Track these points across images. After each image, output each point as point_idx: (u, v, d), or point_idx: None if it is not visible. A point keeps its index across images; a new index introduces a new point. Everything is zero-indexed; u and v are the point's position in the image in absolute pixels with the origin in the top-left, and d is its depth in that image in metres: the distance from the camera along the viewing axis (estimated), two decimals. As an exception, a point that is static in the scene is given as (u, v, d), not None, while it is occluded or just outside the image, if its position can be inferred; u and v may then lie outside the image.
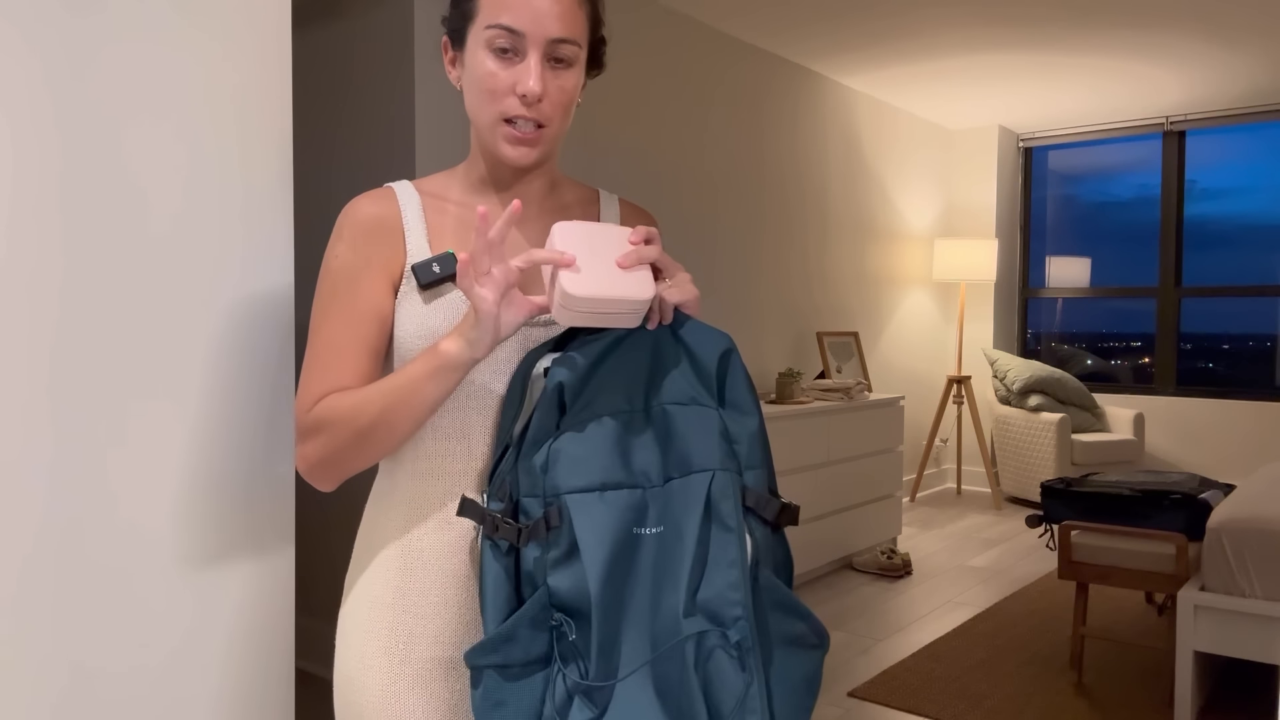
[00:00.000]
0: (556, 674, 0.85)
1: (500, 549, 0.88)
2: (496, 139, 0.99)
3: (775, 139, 4.80)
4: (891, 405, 4.76)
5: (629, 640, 0.85)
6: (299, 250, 3.34)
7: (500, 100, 0.97)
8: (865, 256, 5.64)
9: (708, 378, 0.93)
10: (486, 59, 0.96)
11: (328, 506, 3.22)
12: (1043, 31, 4.39)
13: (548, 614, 0.86)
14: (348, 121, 3.09)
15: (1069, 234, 6.69)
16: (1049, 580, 4.30)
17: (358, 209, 1.02)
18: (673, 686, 0.84)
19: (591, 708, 0.84)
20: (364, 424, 0.94)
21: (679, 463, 0.90)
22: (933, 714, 2.84)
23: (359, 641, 1.02)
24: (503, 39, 0.95)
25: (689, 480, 0.89)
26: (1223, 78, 5.17)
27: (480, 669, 0.87)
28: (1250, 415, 5.76)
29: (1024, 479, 5.86)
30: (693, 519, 0.87)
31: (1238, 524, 2.66)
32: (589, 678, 0.84)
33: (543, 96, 0.96)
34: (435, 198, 1.05)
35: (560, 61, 0.98)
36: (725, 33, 4.39)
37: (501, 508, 0.89)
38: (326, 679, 3.17)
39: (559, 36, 0.96)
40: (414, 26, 2.86)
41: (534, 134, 0.98)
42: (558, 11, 0.95)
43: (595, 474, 0.87)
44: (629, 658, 0.84)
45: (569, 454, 0.87)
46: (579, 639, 0.85)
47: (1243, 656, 2.60)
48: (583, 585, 0.84)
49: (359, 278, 1.00)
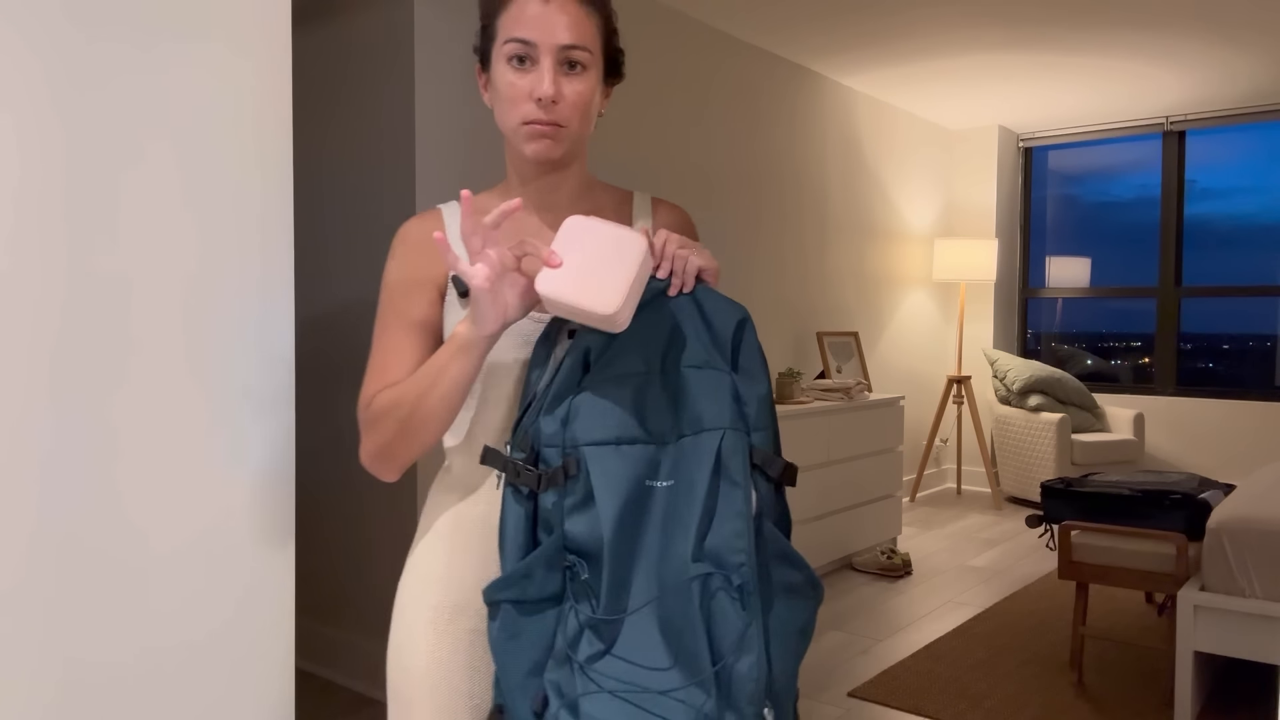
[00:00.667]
0: (569, 610, 0.92)
1: (521, 494, 0.96)
2: (522, 140, 1.07)
3: (775, 139, 4.80)
4: (891, 405, 4.76)
5: (638, 582, 0.91)
6: (299, 250, 3.34)
7: (520, 106, 1.06)
8: (865, 256, 5.64)
9: (722, 344, 1.01)
10: (506, 71, 1.06)
11: (328, 507, 3.22)
12: (1043, 31, 4.39)
13: (562, 555, 0.93)
14: (348, 121, 3.09)
15: (1069, 234, 6.69)
16: (1049, 580, 4.30)
17: (408, 229, 1.13)
18: (677, 623, 0.90)
19: (599, 640, 0.90)
20: (405, 412, 1.02)
21: (691, 421, 0.97)
22: (933, 714, 2.84)
23: (410, 614, 1.10)
24: (518, 50, 1.05)
25: (700, 438, 0.96)
26: (1223, 78, 5.17)
27: (498, 603, 0.93)
28: (1250, 415, 5.76)
29: (1024, 479, 5.86)
30: (703, 473, 0.94)
31: (1238, 524, 2.66)
32: (599, 614, 0.90)
33: (557, 99, 1.05)
34: (479, 212, 1.15)
35: (574, 66, 1.06)
36: (724, 32, 4.39)
37: (523, 456, 0.96)
38: (327, 679, 3.17)
39: (568, 43, 1.05)
40: (414, 26, 2.86)
41: (552, 132, 1.06)
42: (566, 21, 1.05)
43: (612, 429, 0.94)
44: (637, 597, 0.91)
45: (588, 409, 0.95)
46: (591, 579, 0.91)
47: (1243, 656, 2.60)
48: (596, 530, 0.91)
49: (410, 291, 1.10)
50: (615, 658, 0.90)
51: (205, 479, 0.97)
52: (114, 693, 0.91)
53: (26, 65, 0.84)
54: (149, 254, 0.92)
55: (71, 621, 0.88)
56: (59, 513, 0.87)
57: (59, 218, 0.87)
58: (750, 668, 0.90)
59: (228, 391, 0.98)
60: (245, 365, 1.00)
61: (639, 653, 0.89)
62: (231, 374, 0.99)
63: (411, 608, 1.10)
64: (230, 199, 0.98)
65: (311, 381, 3.26)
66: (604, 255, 0.94)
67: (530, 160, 1.08)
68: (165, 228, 0.94)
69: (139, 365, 0.92)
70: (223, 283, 0.98)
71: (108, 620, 0.90)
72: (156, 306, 0.93)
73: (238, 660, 0.99)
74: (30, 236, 0.85)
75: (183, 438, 0.95)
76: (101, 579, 0.90)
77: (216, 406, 0.97)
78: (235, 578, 0.99)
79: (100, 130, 0.89)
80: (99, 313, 0.89)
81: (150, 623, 0.93)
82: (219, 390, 0.98)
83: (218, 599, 0.98)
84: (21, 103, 0.84)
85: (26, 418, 0.85)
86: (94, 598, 0.90)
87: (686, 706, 0.87)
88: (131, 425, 0.91)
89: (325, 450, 3.23)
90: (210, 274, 0.97)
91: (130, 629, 0.92)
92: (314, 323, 3.25)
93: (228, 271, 0.98)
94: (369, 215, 3.04)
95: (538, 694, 0.92)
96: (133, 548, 0.91)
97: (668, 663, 0.89)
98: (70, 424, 0.87)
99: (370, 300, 3.04)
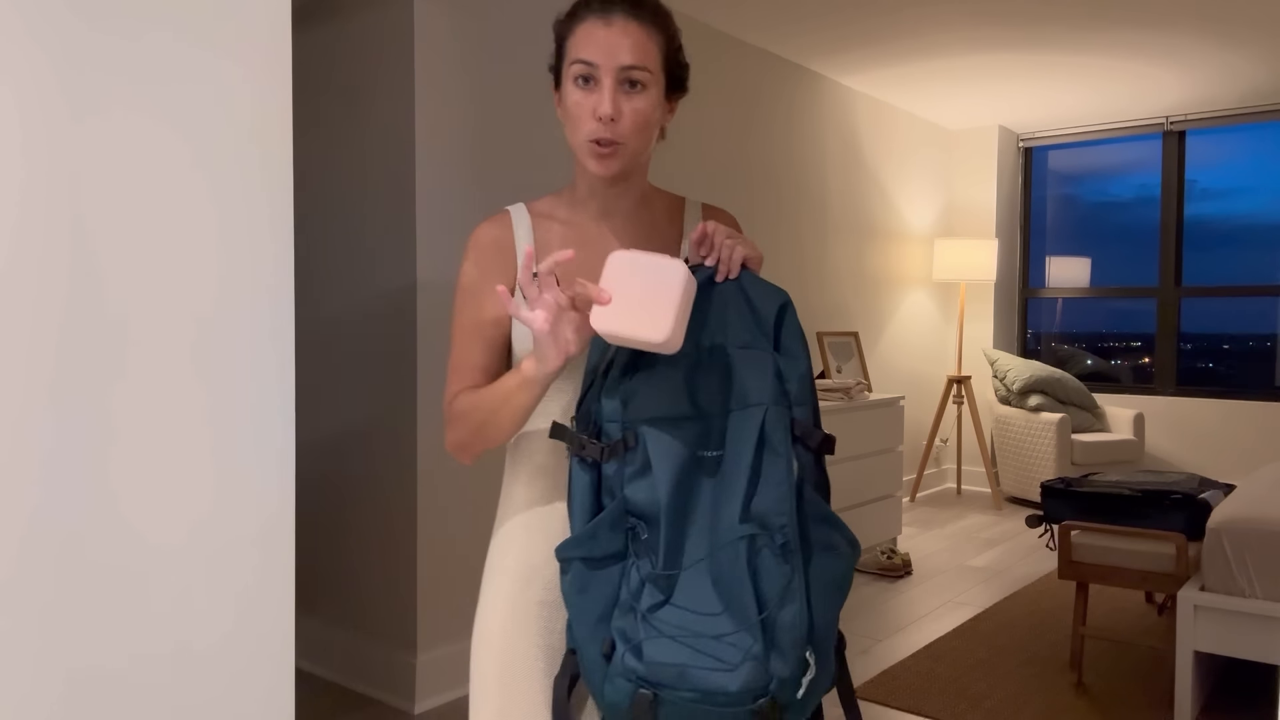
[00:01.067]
0: (630, 566, 1.04)
1: (586, 464, 1.07)
2: (586, 156, 1.16)
3: (774, 139, 4.80)
4: (891, 405, 4.76)
5: (692, 541, 1.04)
6: (299, 250, 3.34)
7: (585, 124, 1.14)
8: (865, 256, 5.64)
9: (765, 325, 1.11)
10: (573, 90, 1.14)
11: (328, 507, 3.22)
12: (1043, 31, 4.39)
13: (624, 518, 1.05)
14: (348, 121, 3.09)
15: (1069, 234, 6.70)
16: (1049, 580, 4.30)
17: (479, 234, 1.23)
18: (726, 576, 1.02)
19: (659, 593, 1.01)
20: (477, 421, 1.15)
21: (739, 397, 1.08)
22: (933, 714, 2.84)
23: (490, 582, 1.24)
24: (582, 70, 1.13)
25: (746, 412, 1.07)
26: (1223, 78, 5.17)
27: (569, 560, 1.05)
28: (1250, 415, 5.76)
29: (1024, 479, 5.86)
30: (748, 445, 1.05)
31: (1238, 524, 2.66)
32: (658, 569, 1.01)
33: (617, 117, 1.12)
34: (544, 217, 1.24)
35: (634, 85, 1.14)
36: (724, 31, 4.39)
37: (587, 431, 1.07)
38: (327, 679, 3.17)
39: (629, 64, 1.12)
40: (414, 26, 2.86)
41: (612, 150, 1.14)
42: (628, 44, 1.12)
43: (666, 406, 1.06)
44: (691, 554, 1.03)
45: (645, 390, 1.06)
46: (650, 539, 1.03)
47: (1243, 656, 2.60)
48: (654, 495, 1.03)
49: (480, 293, 1.21)
50: (673, 606, 1.01)
51: (205, 479, 0.97)
52: (114, 693, 0.91)
53: (29, 53, 0.84)
54: (148, 255, 0.92)
55: (71, 622, 0.88)
56: (59, 513, 0.87)
57: (63, 221, 0.87)
58: (793, 616, 1.02)
59: (228, 391, 0.98)
60: (245, 365, 1.00)
61: (694, 602, 1.01)
62: (232, 373, 0.99)
63: (490, 576, 1.24)
64: (231, 199, 0.98)
65: (312, 381, 3.26)
66: (649, 286, 1.01)
67: (595, 175, 1.17)
68: (165, 228, 0.94)
69: (137, 366, 0.92)
70: (222, 283, 0.98)
71: (108, 620, 0.90)
72: (155, 307, 0.93)
73: (238, 660, 1.00)
74: (31, 238, 0.85)
75: (182, 438, 0.95)
76: (101, 579, 0.90)
77: (217, 407, 0.98)
78: (235, 578, 0.99)
79: (99, 130, 0.89)
80: (98, 314, 0.89)
81: (150, 623, 0.93)
82: (219, 390, 0.98)
83: (218, 599, 0.98)
84: (21, 102, 0.84)
85: (25, 416, 0.85)
86: (94, 598, 0.90)
87: (736, 649, 0.99)
88: (131, 425, 0.91)
89: (325, 451, 3.23)
90: (211, 274, 0.97)
91: (131, 629, 0.92)
92: (314, 323, 3.25)
93: (228, 271, 0.98)
94: (370, 214, 3.04)
95: (605, 639, 1.03)
96: (132, 548, 0.91)
97: (719, 609, 1.00)
98: (68, 424, 0.88)
99: (372, 298, 3.04)
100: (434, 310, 2.94)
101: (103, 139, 0.90)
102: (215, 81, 0.98)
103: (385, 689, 2.99)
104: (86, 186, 0.89)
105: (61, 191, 0.88)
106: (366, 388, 3.08)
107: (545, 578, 1.22)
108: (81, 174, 0.89)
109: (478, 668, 1.24)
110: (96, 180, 0.90)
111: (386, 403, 2.98)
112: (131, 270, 0.92)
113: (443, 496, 2.97)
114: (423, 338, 2.91)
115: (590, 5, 1.15)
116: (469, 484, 3.04)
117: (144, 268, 0.93)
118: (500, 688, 1.21)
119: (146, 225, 0.93)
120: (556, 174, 3.29)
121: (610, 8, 1.13)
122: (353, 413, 3.13)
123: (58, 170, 0.88)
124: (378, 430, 3.03)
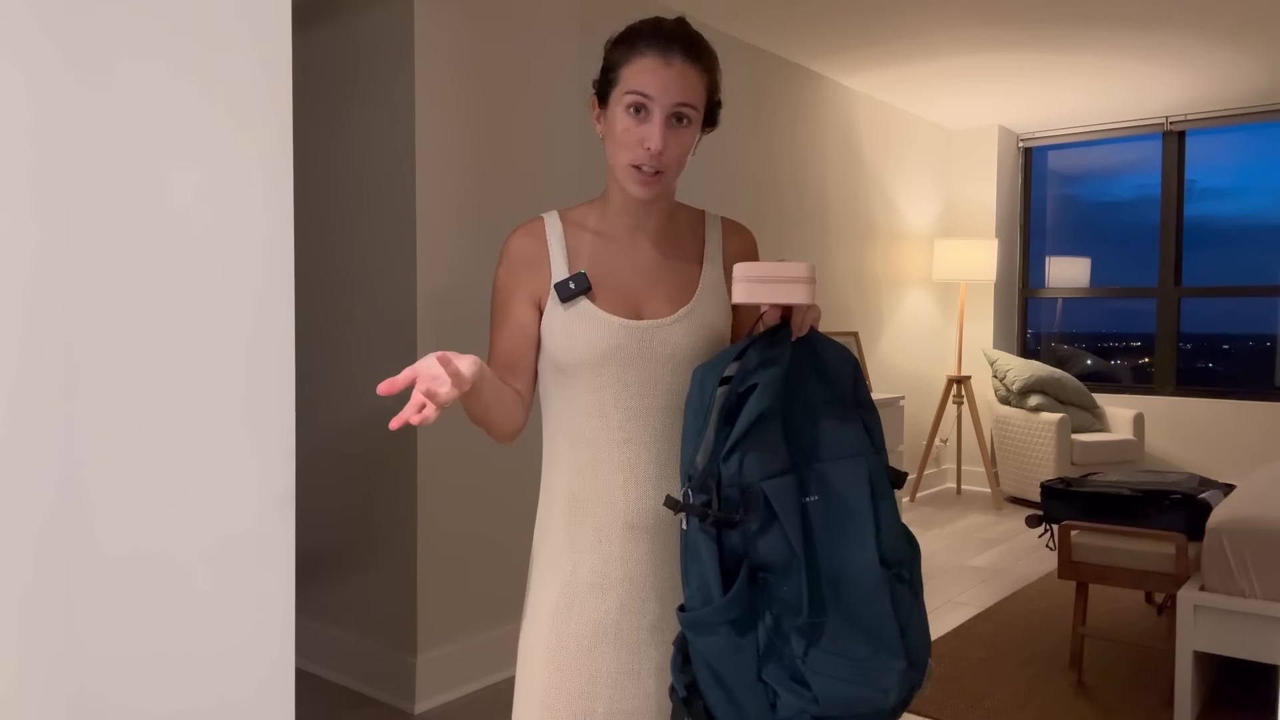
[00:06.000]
0: (769, 618, 1.12)
1: (709, 533, 1.13)
2: (627, 179, 1.25)
3: (775, 139, 4.80)
4: (891, 405, 4.75)
5: (826, 585, 1.13)
6: (299, 251, 3.34)
7: (632, 150, 1.23)
8: (865, 256, 5.64)
9: (838, 380, 1.23)
10: (624, 116, 1.23)
11: (328, 507, 3.22)
12: (1042, 32, 4.39)
13: (754, 575, 1.13)
14: (348, 121, 3.10)
15: (1069, 234, 6.70)
16: (1049, 580, 4.30)
17: (512, 241, 1.33)
18: (868, 614, 1.13)
19: (803, 638, 1.10)
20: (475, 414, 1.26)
21: (829, 447, 1.19)
22: (933, 714, 2.84)
23: (535, 601, 1.33)
24: (637, 101, 1.22)
25: (843, 463, 1.18)
26: (1223, 78, 5.17)
27: (717, 625, 1.12)
28: (1250, 415, 5.76)
29: (1024, 479, 5.86)
30: (862, 492, 1.17)
31: (1238, 524, 2.66)
32: (804, 617, 1.10)
33: (664, 151, 1.22)
34: (576, 225, 1.34)
35: (681, 120, 1.24)
36: (725, 33, 4.39)
37: (705, 499, 1.14)
38: (327, 679, 3.17)
39: (681, 101, 1.22)
40: (414, 26, 2.86)
41: (654, 178, 1.25)
42: (681, 84, 1.22)
43: (775, 464, 1.14)
44: (827, 597, 1.12)
45: (754, 452, 1.13)
46: (789, 589, 1.11)
47: (1243, 656, 2.60)
48: (785, 549, 1.12)
49: (511, 297, 1.32)
50: (823, 649, 1.11)
51: (205, 479, 0.97)
52: (114, 692, 0.91)
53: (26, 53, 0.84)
54: (150, 254, 0.92)
55: (72, 622, 0.88)
56: (59, 515, 0.87)
57: (61, 224, 0.87)
58: (919, 635, 1.17)
59: (228, 392, 0.98)
60: (246, 364, 1.00)
61: (842, 638, 1.11)
62: (232, 373, 0.99)
63: (535, 596, 1.33)
64: (231, 199, 0.98)
65: (313, 381, 3.26)
66: (775, 272, 1.15)
67: (633, 197, 1.26)
68: (164, 228, 0.94)
69: (136, 366, 0.92)
70: (222, 283, 0.98)
71: (107, 621, 0.90)
72: (156, 306, 0.93)
73: (238, 660, 1.00)
74: (32, 239, 0.85)
75: (182, 438, 0.95)
76: (100, 579, 0.90)
77: (216, 407, 0.98)
78: (235, 578, 0.99)
79: (99, 130, 0.89)
80: (98, 314, 0.89)
81: (150, 623, 0.93)
82: (219, 390, 0.98)
83: (218, 599, 0.98)
84: (19, 101, 0.84)
85: (26, 417, 0.85)
86: (93, 598, 0.90)
87: (892, 673, 1.12)
88: (130, 425, 0.91)
89: (325, 451, 3.23)
90: (211, 274, 0.97)
91: (130, 629, 0.92)
92: (314, 323, 3.25)
93: (228, 271, 0.98)
94: (370, 214, 3.04)
95: (767, 692, 1.12)
96: (131, 549, 0.91)
97: (869, 642, 1.12)
98: (69, 424, 0.88)
99: (371, 298, 3.04)
100: (433, 309, 2.94)
101: (102, 139, 0.90)
102: (215, 81, 0.98)
103: (385, 689, 2.99)
104: (83, 188, 0.89)
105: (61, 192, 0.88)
106: (367, 388, 3.08)
107: (584, 599, 1.30)
108: (78, 176, 0.89)
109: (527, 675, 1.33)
110: (94, 182, 0.90)
111: (387, 403, 2.98)
112: (131, 273, 0.92)
113: (443, 497, 2.97)
114: (422, 337, 2.91)
115: (652, 42, 1.23)
116: (469, 484, 3.04)
117: (143, 270, 0.93)
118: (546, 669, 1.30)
119: (145, 226, 0.93)
120: (556, 173, 3.29)
121: (671, 48, 1.23)
122: (353, 413, 3.13)
123: (57, 170, 0.88)
124: (378, 430, 3.03)
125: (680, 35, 1.25)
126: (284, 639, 1.03)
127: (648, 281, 1.31)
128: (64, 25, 0.85)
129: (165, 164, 0.93)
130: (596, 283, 1.29)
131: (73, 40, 0.86)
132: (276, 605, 1.03)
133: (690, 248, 1.36)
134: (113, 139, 0.89)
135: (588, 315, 1.27)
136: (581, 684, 1.27)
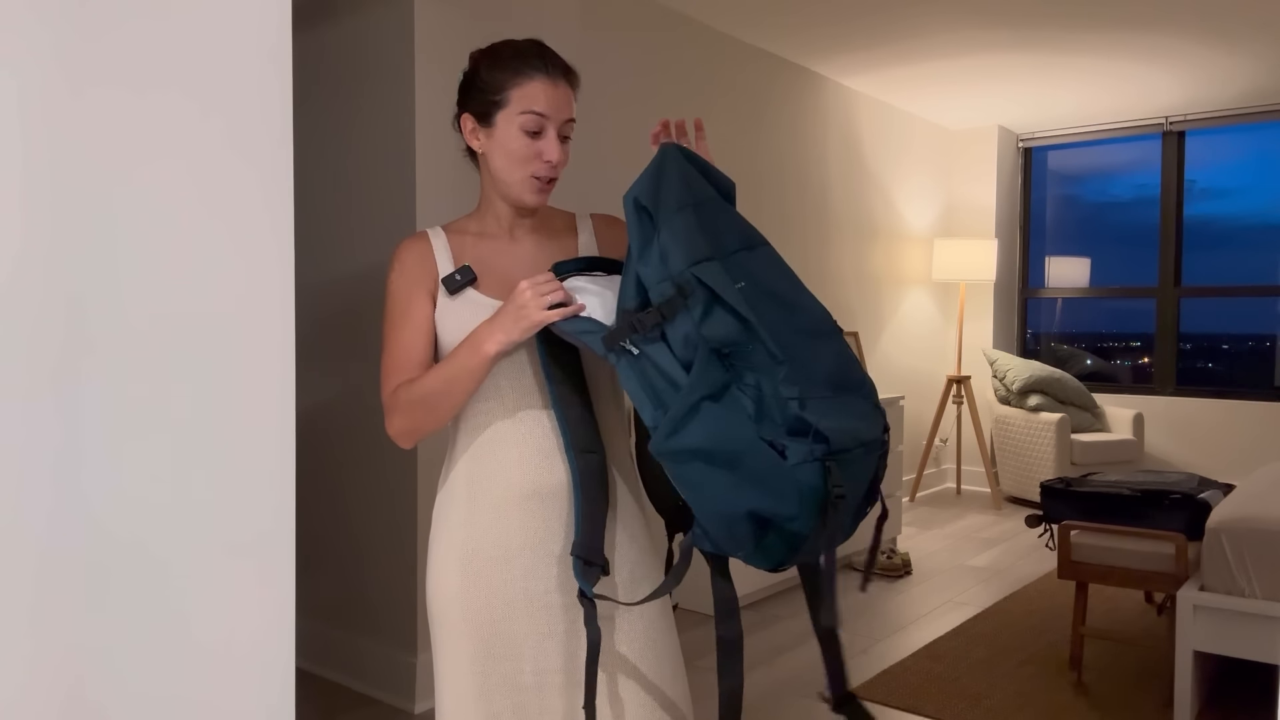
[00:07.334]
0: (749, 382, 1.16)
1: (654, 338, 1.18)
2: (525, 190, 1.39)
3: (775, 139, 4.80)
4: (891, 405, 4.76)
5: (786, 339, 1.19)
6: (300, 251, 3.34)
7: (529, 164, 1.38)
8: (865, 256, 5.64)
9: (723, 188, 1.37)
10: (519, 135, 1.37)
11: (328, 507, 3.22)
12: (1043, 32, 4.39)
13: (716, 353, 1.16)
14: (348, 121, 3.10)
15: (1069, 234, 6.70)
16: (1049, 580, 4.30)
17: (402, 247, 1.44)
18: (833, 362, 1.22)
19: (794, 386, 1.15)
20: (429, 402, 1.33)
21: (744, 237, 1.28)
22: (933, 714, 2.84)
23: (440, 553, 1.40)
24: (534, 122, 1.36)
25: (758, 250, 1.28)
26: (1222, 78, 5.17)
27: (697, 403, 1.13)
28: (1250, 415, 5.77)
29: (1024, 479, 5.86)
30: (785, 272, 1.27)
31: (1237, 524, 2.66)
32: (784, 366, 1.15)
33: (559, 163, 1.38)
34: (458, 233, 1.46)
35: (566, 136, 1.40)
36: (725, 33, 4.39)
37: (634, 306, 1.20)
38: (327, 679, 3.17)
39: (569, 118, 1.39)
40: (414, 26, 2.86)
41: (549, 185, 1.41)
42: (567, 103, 1.39)
43: (700, 249, 1.20)
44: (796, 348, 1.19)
45: (673, 244, 1.20)
46: (755, 350, 1.16)
47: (1242, 656, 2.60)
48: (732, 320, 1.16)
49: (411, 296, 1.40)
50: (811, 396, 1.16)
51: (204, 479, 0.97)
52: (114, 692, 0.91)
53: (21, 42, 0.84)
54: (148, 255, 0.92)
55: (69, 622, 0.88)
56: (58, 514, 0.87)
57: (58, 224, 0.87)
58: (870, 381, 1.26)
59: (228, 390, 0.98)
60: (246, 365, 1.00)
61: (819, 384, 1.18)
62: (231, 374, 0.99)
63: (439, 548, 1.40)
64: (230, 200, 0.98)
65: (313, 381, 3.26)
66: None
67: (528, 205, 1.40)
68: (164, 229, 0.94)
69: (135, 366, 0.92)
70: (222, 283, 0.98)
71: (106, 621, 0.90)
72: (155, 308, 0.93)
73: (238, 660, 1.00)
74: (28, 239, 0.85)
75: (181, 438, 0.95)
76: (99, 580, 0.90)
77: (216, 407, 0.98)
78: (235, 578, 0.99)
79: (98, 130, 0.89)
80: (98, 315, 0.89)
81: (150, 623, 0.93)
82: (218, 389, 0.98)
83: (218, 599, 0.98)
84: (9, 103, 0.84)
85: (26, 417, 0.85)
86: (91, 599, 0.90)
87: (868, 404, 1.22)
88: (129, 425, 0.91)
89: (325, 450, 3.23)
90: (211, 275, 0.97)
91: (130, 629, 0.92)
92: (314, 323, 3.25)
93: (228, 272, 0.98)
94: (370, 214, 3.04)
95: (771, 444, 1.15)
96: (131, 549, 0.91)
97: (843, 385, 1.20)
98: (66, 424, 0.88)
99: (371, 298, 3.04)
100: (434, 310, 2.94)
101: (99, 140, 0.90)
102: (214, 82, 0.98)
103: (385, 689, 2.99)
104: (82, 188, 0.90)
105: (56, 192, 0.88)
106: (367, 388, 3.08)
107: (488, 549, 1.37)
108: (77, 175, 0.89)
109: (439, 623, 1.40)
110: (93, 182, 0.90)
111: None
112: (130, 273, 0.93)
113: (443, 496, 2.97)
114: (423, 338, 2.91)
115: (538, 65, 1.37)
116: (469, 484, 3.04)
117: (142, 270, 0.93)
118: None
119: (144, 227, 0.94)
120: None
121: (555, 71, 1.38)
122: (353, 413, 3.13)
123: (55, 171, 0.88)
124: (378, 430, 3.03)
125: (558, 58, 1.40)
126: (284, 639, 1.03)
127: (529, 267, 1.42)
128: (61, 26, 0.85)
129: (164, 164, 0.93)
130: (481, 275, 1.40)
131: (72, 40, 0.87)
132: (276, 605, 1.03)
133: (566, 239, 1.49)
134: (111, 139, 0.89)
135: (474, 302, 1.38)
136: (504, 649, 1.34)
